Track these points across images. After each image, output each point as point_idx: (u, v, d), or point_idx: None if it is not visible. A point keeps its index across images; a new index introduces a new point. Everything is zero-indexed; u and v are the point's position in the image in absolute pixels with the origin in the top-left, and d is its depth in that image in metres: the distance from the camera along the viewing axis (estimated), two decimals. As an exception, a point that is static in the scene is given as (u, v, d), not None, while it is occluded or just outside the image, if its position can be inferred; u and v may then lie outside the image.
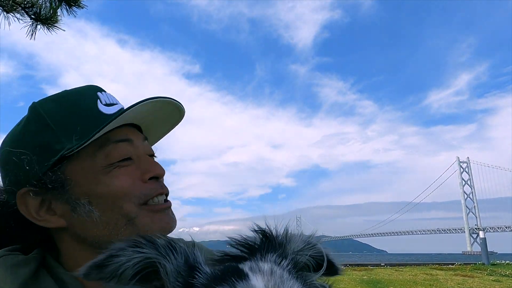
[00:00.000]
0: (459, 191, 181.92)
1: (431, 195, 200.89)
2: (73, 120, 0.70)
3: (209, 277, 0.46)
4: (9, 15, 3.15)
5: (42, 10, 3.07)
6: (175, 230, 0.78)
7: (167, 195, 0.79)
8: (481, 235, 17.50)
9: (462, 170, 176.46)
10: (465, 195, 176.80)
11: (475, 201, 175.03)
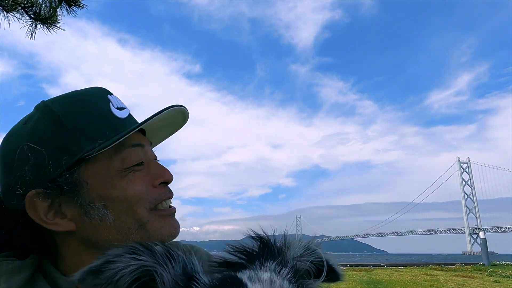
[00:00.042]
0: (459, 191, 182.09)
1: (432, 195, 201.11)
2: (89, 122, 0.69)
3: (207, 287, 0.45)
4: (8, 14, 3.14)
5: (41, 9, 3.06)
6: None
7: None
8: (482, 235, 17.47)
9: (462, 170, 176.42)
10: (466, 196, 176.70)
11: (475, 201, 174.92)
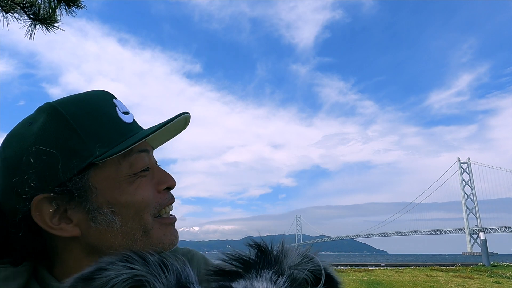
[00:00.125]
0: (459, 191, 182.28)
1: (432, 195, 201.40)
2: (99, 126, 0.68)
3: (201, 298, 0.44)
4: (8, 15, 3.14)
5: (41, 10, 3.05)
6: (176, 228, 0.79)
7: None
8: (482, 236, 17.45)
9: (462, 170, 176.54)
10: (466, 196, 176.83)
11: (476, 201, 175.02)
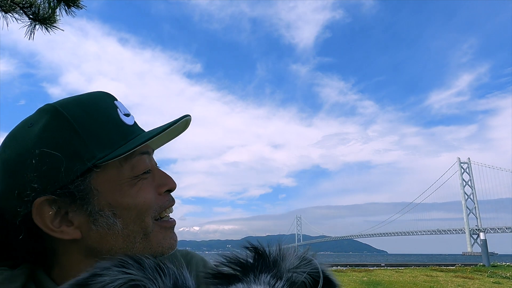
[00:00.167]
0: (459, 192, 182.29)
1: (432, 195, 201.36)
2: (101, 128, 0.68)
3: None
4: (7, 15, 3.14)
5: (40, 10, 3.06)
6: (176, 229, 0.78)
7: None
8: (482, 236, 17.44)
9: (462, 171, 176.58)
10: (466, 196, 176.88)
11: (476, 202, 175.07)
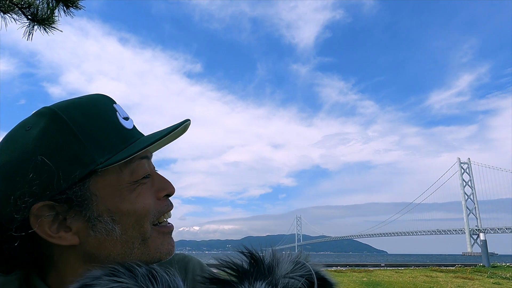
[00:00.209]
0: (459, 192, 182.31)
1: (432, 196, 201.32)
2: (101, 132, 0.66)
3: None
4: (6, 15, 3.13)
5: (39, 11, 3.05)
6: (176, 228, 0.78)
7: None
8: (482, 237, 17.38)
9: (463, 171, 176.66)
10: (466, 196, 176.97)
11: (476, 202, 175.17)
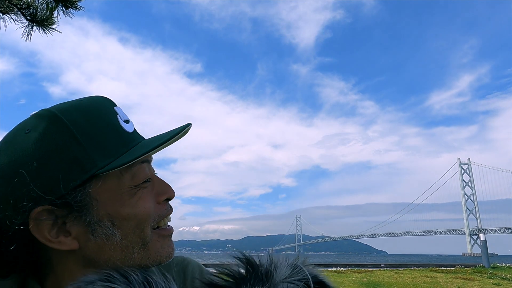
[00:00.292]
0: (459, 192, 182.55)
1: (432, 196, 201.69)
2: (102, 136, 0.65)
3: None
4: (5, 16, 3.13)
5: (38, 11, 3.04)
6: (176, 228, 0.78)
7: None
8: (482, 237, 17.40)
9: (463, 171, 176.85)
10: (466, 197, 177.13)
11: (476, 202, 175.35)
